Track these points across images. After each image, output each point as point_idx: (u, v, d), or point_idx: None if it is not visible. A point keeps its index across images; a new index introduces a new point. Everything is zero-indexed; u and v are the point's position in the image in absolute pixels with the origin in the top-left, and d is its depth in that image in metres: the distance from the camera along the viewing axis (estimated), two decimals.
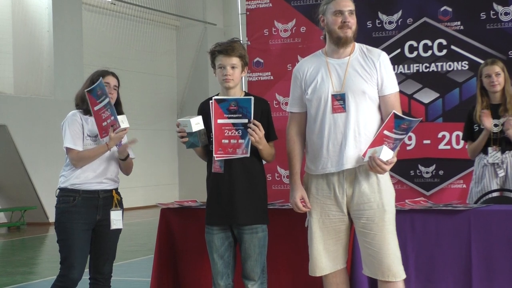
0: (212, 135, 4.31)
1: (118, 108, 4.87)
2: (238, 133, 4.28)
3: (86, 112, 4.80)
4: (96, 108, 4.71)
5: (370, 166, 4.05)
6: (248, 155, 4.31)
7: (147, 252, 8.89)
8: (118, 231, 4.90)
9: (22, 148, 15.00)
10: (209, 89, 18.55)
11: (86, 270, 4.75)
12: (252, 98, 4.29)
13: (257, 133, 4.23)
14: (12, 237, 14.01)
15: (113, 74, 4.93)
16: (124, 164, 4.96)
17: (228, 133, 4.28)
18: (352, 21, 4.22)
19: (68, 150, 4.72)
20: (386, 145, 4.04)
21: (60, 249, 4.74)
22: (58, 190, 4.81)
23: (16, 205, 15.26)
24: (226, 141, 4.29)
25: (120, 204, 4.91)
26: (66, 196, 4.73)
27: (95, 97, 4.70)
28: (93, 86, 4.70)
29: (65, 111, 5.20)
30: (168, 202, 5.44)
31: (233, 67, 4.41)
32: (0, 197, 15.32)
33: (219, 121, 4.27)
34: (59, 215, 4.75)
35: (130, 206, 18.55)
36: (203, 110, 4.50)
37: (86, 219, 4.72)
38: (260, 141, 4.28)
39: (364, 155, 4.11)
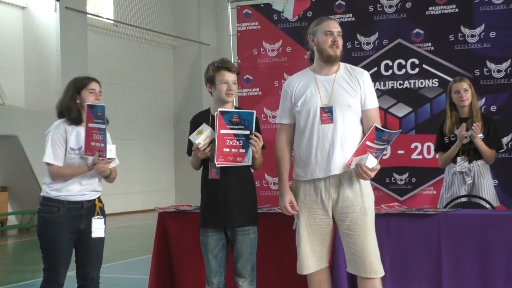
0: (215, 144, 4.27)
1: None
2: (239, 143, 4.28)
3: (72, 121, 4.47)
4: (90, 125, 4.40)
5: (357, 172, 4.08)
6: (250, 163, 4.33)
7: (145, 252, 8.85)
8: (102, 238, 4.61)
9: (32, 156, 14.92)
10: (203, 104, 18.51)
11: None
12: (254, 112, 4.30)
13: (258, 143, 4.26)
14: (23, 238, 13.92)
15: (96, 80, 4.59)
16: (107, 179, 4.65)
17: (229, 142, 4.27)
18: (340, 41, 4.29)
19: (49, 164, 4.41)
20: (370, 154, 4.08)
21: (44, 257, 4.46)
22: (41, 198, 4.49)
23: (26, 208, 15.19)
24: (227, 149, 4.27)
25: (102, 212, 4.62)
26: (50, 206, 4.42)
27: (93, 115, 4.39)
28: (96, 104, 4.41)
29: None
30: (165, 206, 5.42)
31: (234, 83, 4.46)
32: (12, 201, 15.23)
33: (222, 131, 4.25)
34: (44, 225, 4.42)
35: (129, 210, 18.53)
36: (197, 122, 4.50)
37: (70, 229, 4.44)
38: (259, 151, 4.31)
39: (349, 163, 4.14)
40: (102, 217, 4.59)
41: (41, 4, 15.50)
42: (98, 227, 4.54)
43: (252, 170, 4.57)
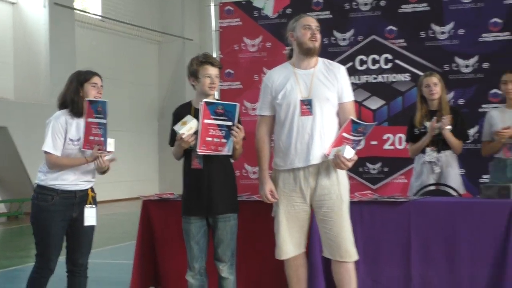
0: (198, 133, 4.27)
1: None
2: (221, 133, 4.28)
3: (75, 113, 4.43)
4: (90, 120, 4.37)
5: (335, 163, 4.11)
6: (231, 153, 4.34)
7: (130, 238, 8.80)
8: (93, 226, 4.58)
9: (21, 147, 14.85)
10: (186, 97, 18.32)
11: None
12: (238, 104, 4.30)
13: (240, 134, 4.27)
14: (11, 225, 13.81)
15: (98, 75, 4.58)
16: (102, 173, 4.59)
17: (212, 132, 4.27)
18: (318, 36, 4.32)
19: (47, 153, 4.36)
20: (347, 145, 4.11)
21: (37, 243, 4.43)
22: (36, 186, 4.46)
23: (14, 197, 15.11)
24: (210, 139, 4.27)
25: (94, 201, 4.57)
26: (44, 194, 4.38)
27: (94, 110, 4.37)
28: (97, 100, 4.39)
29: None
30: (149, 195, 5.41)
31: (216, 77, 4.46)
32: (1, 190, 15.14)
33: (206, 121, 4.24)
34: (38, 212, 4.38)
35: (116, 198, 18.48)
36: (180, 115, 4.49)
37: (63, 217, 4.40)
38: (240, 142, 4.32)
39: (328, 153, 4.17)
40: (94, 206, 4.56)
41: (30, 0, 15.38)
42: (90, 216, 4.51)
43: (232, 160, 4.58)
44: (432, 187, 5.39)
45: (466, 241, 4.46)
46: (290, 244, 4.34)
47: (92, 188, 4.61)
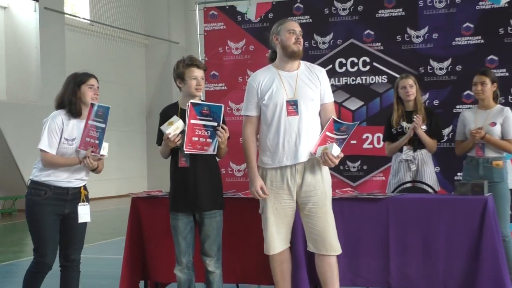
0: (184, 132, 4.26)
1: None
2: (207, 133, 4.28)
3: (73, 114, 4.42)
4: (89, 122, 4.36)
5: (323, 160, 4.13)
6: (215, 153, 4.34)
7: (120, 234, 8.81)
8: (86, 223, 4.56)
9: (14, 146, 14.74)
10: (173, 97, 18.38)
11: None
12: (223, 106, 4.31)
13: (224, 135, 4.27)
14: (5, 221, 13.73)
15: (94, 76, 4.57)
16: (94, 171, 4.55)
17: (198, 132, 4.27)
18: (301, 40, 4.35)
19: (42, 151, 4.34)
20: (333, 143, 4.15)
21: (33, 238, 4.42)
22: (30, 182, 4.45)
23: (8, 194, 15.02)
24: (196, 138, 4.26)
25: (87, 199, 4.55)
26: (37, 189, 4.37)
27: (94, 113, 4.36)
28: (99, 104, 4.37)
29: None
30: (138, 192, 5.40)
31: (202, 79, 4.46)
32: None
33: (192, 121, 4.25)
34: (31, 207, 4.38)
35: (105, 196, 18.38)
36: (167, 114, 4.47)
37: (55, 211, 4.38)
38: (224, 141, 4.32)
39: (314, 151, 4.20)
40: (87, 203, 4.53)
41: (21, 5, 15.27)
42: (83, 213, 4.48)
43: (218, 159, 4.57)
44: (408, 184, 5.41)
45: (441, 236, 4.48)
46: (277, 239, 4.35)
47: (85, 186, 4.58)
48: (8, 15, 15.64)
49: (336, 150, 4.11)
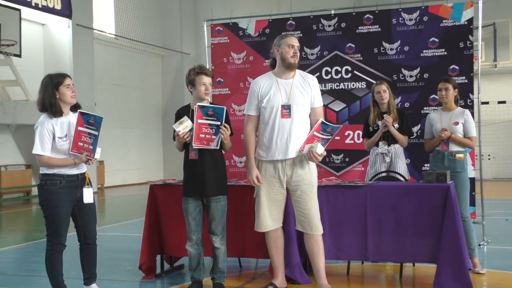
0: (193, 130, 4.28)
1: (77, 108, 4.23)
2: (212, 131, 4.29)
3: (55, 114, 4.11)
4: (80, 128, 4.09)
5: (308, 157, 4.16)
6: (218, 147, 4.35)
7: (141, 215, 8.80)
8: (94, 203, 4.33)
9: None
10: (185, 100, 18.35)
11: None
12: (225, 108, 4.32)
13: (226, 132, 4.29)
14: (37, 205, 13.63)
15: (69, 76, 4.21)
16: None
17: (204, 130, 4.28)
18: (298, 53, 4.36)
19: (38, 155, 4.08)
20: (319, 142, 4.16)
21: (49, 223, 4.15)
22: (42, 174, 4.14)
23: None
24: (203, 135, 4.28)
25: (90, 183, 4.30)
26: (52, 179, 4.09)
27: (85, 121, 4.09)
28: (89, 113, 4.11)
29: None
30: (155, 180, 5.40)
31: (210, 84, 4.46)
32: (35, 176, 14.89)
33: (199, 121, 4.26)
34: (48, 195, 4.10)
35: (128, 183, 18.37)
36: (180, 115, 4.48)
37: (70, 197, 4.14)
38: (227, 137, 4.32)
39: (302, 148, 4.23)
40: (91, 186, 4.32)
41: (57, 22, 15.22)
42: (88, 195, 4.25)
43: (224, 152, 4.58)
44: (383, 174, 5.41)
45: (410, 217, 4.51)
46: (269, 219, 4.37)
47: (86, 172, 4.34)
48: (46, 31, 15.60)
49: (320, 149, 4.13)
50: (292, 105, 4.26)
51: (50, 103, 4.11)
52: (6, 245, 7.46)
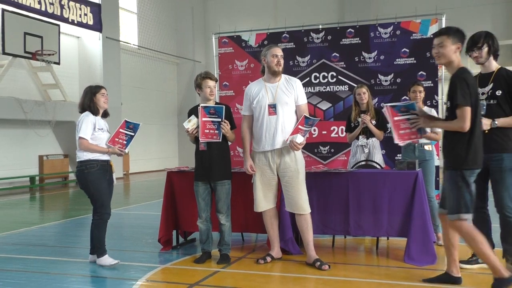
0: (199, 127, 4.29)
1: (106, 115, 4.57)
2: (214, 126, 4.30)
3: (94, 114, 4.45)
4: (121, 130, 4.45)
5: (290, 146, 4.14)
6: (220, 140, 4.34)
7: (159, 197, 8.81)
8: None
9: None
10: (196, 101, 18.38)
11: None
12: (224, 106, 4.32)
13: (226, 127, 4.29)
14: (78, 188, 13.63)
15: (104, 87, 4.57)
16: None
17: (208, 126, 4.29)
18: (282, 61, 4.32)
19: (81, 138, 4.35)
20: (300, 134, 4.13)
21: (95, 199, 4.41)
22: (80, 162, 4.39)
23: None
24: (207, 131, 4.29)
25: (113, 169, 4.64)
26: (90, 164, 4.36)
27: (126, 126, 4.45)
28: (131, 122, 4.45)
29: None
30: (172, 168, 5.38)
31: (214, 87, 4.46)
32: (71, 163, 14.88)
33: (203, 119, 4.28)
34: (89, 176, 4.36)
35: (149, 170, 18.37)
36: (192, 113, 4.47)
37: (104, 177, 4.42)
38: (227, 131, 4.32)
39: (287, 140, 4.16)
40: (114, 171, 4.65)
41: (90, 35, 15.20)
42: (114, 178, 4.63)
43: (230, 143, 4.57)
44: (363, 163, 5.40)
45: (385, 199, 4.50)
46: (263, 201, 4.36)
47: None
48: (80, 43, 15.55)
49: (299, 139, 4.12)
50: (277, 104, 4.24)
51: (88, 106, 4.46)
52: (47, 221, 7.47)
